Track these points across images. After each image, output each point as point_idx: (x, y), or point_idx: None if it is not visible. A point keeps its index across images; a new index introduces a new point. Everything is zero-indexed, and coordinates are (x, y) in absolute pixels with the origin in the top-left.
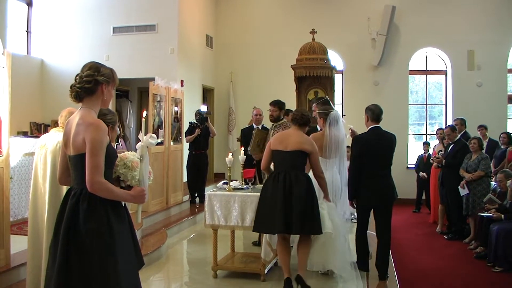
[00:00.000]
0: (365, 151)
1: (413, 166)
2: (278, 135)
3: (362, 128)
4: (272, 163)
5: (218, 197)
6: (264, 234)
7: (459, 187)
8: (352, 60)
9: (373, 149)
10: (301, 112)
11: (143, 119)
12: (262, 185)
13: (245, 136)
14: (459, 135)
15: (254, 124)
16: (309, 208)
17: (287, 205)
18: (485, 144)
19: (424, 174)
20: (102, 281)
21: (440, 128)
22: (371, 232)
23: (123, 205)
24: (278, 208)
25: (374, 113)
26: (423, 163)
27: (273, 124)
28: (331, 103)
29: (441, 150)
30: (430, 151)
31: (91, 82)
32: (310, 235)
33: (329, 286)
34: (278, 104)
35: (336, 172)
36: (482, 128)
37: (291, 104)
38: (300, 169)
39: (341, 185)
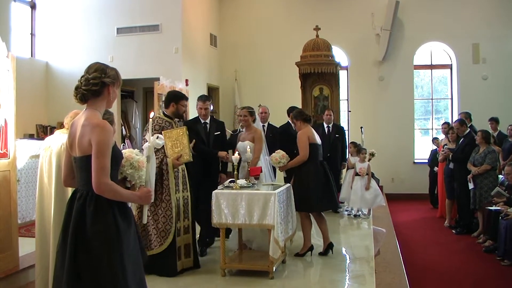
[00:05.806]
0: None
1: (420, 161)
2: (309, 130)
3: (367, 123)
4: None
5: (225, 196)
6: (272, 232)
7: (467, 181)
8: (356, 56)
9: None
10: (307, 113)
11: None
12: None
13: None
14: (468, 129)
15: (260, 123)
16: None
17: (334, 187)
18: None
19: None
20: (111, 282)
21: (446, 123)
22: (379, 228)
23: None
24: (332, 190)
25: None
26: (436, 158)
27: (178, 121)
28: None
29: (446, 144)
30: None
31: (98, 84)
32: None
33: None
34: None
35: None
36: (493, 121)
37: (296, 101)
38: None
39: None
